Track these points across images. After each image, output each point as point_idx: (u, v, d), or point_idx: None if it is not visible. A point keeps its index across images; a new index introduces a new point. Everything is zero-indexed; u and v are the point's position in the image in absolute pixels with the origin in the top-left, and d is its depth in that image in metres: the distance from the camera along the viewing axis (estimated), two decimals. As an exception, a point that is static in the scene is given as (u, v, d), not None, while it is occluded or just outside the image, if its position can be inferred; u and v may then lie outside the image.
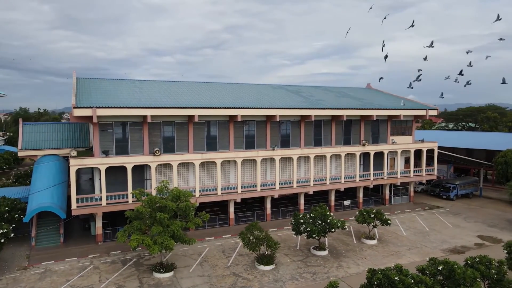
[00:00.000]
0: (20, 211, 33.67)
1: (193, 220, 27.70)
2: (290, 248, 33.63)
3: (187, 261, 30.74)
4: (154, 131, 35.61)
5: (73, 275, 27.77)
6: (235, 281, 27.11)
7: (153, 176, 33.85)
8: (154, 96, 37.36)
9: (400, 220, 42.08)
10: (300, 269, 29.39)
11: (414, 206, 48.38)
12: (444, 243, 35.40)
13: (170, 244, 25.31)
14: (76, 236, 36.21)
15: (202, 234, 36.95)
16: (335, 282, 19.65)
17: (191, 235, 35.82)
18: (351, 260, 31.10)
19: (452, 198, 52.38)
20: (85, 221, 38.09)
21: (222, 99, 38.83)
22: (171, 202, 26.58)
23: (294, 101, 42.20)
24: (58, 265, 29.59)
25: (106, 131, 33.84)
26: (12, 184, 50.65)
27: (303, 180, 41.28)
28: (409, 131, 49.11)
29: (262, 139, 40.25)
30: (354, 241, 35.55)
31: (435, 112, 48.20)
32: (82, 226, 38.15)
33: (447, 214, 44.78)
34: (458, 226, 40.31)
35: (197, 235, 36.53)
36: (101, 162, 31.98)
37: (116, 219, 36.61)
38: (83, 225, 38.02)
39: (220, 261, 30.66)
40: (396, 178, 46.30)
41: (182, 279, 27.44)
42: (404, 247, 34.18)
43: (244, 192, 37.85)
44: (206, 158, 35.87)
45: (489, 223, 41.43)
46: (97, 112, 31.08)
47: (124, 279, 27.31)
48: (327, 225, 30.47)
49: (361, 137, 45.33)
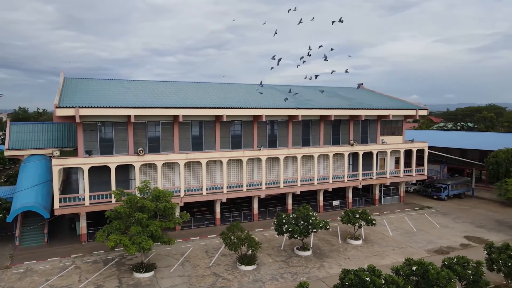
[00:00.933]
0: (5, 210, 33.78)
1: (173, 220, 27.66)
2: (274, 248, 33.55)
3: (169, 261, 30.71)
4: (139, 131, 35.61)
5: (53, 275, 27.79)
6: (214, 281, 27.07)
7: (137, 176, 33.87)
8: (140, 96, 37.36)
9: (388, 221, 41.94)
10: (281, 269, 29.31)
11: (404, 206, 48.20)
12: (430, 243, 35.23)
13: (147, 244, 25.28)
14: (61, 236, 36.25)
15: (188, 234, 36.95)
16: (305, 283, 19.55)
17: (177, 235, 36.09)
18: (334, 261, 30.99)
19: (444, 198, 52.15)
20: (71, 221, 38.15)
21: (208, 99, 38.79)
22: (150, 202, 26.57)
23: (282, 101, 42.07)
24: (39, 265, 29.64)
25: (90, 131, 33.86)
26: (2, 183, 50.83)
27: (291, 180, 41.19)
28: (399, 131, 48.92)
29: (249, 139, 40.19)
30: (339, 242, 35.43)
31: (425, 112, 48.01)
32: (68, 226, 38.21)
33: (436, 215, 44.58)
34: (446, 227, 40.11)
35: (183, 235, 36.61)
36: (84, 162, 32.01)
37: (101, 219, 36.57)
38: (70, 225, 38.08)
39: (202, 261, 30.62)
40: (386, 178, 46.12)
41: (162, 279, 27.41)
42: (389, 248, 34.03)
43: (230, 192, 37.80)
44: (191, 158, 35.85)
45: (477, 224, 41.21)
46: (80, 112, 31.09)
47: (104, 279, 27.32)
48: (310, 226, 30.35)
49: (350, 137, 45.20)
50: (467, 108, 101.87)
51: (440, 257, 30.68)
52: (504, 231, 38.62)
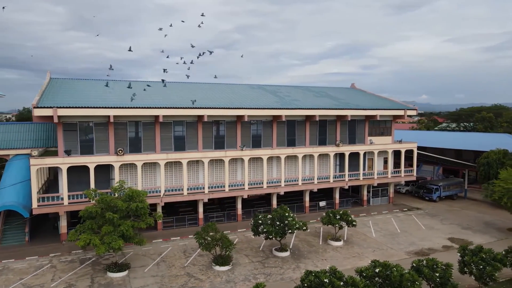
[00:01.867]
0: (-13, 209, 34.11)
1: (146, 220, 27.69)
2: (253, 249, 33.42)
3: (145, 260, 30.76)
4: (120, 131, 35.74)
5: (28, 274, 28.00)
6: (186, 282, 27.04)
7: (116, 176, 33.99)
8: (123, 96, 37.44)
9: (374, 222, 41.57)
10: (256, 270, 29.18)
11: (392, 207, 47.73)
12: (412, 245, 34.82)
13: (116, 244, 25.32)
14: (43, 235, 36.49)
15: (169, 234, 37.00)
16: (261, 284, 19.41)
17: (158, 235, 36.24)
18: (311, 262, 30.77)
19: (435, 199, 51.55)
20: (55, 220, 38.43)
21: (191, 99, 38.76)
22: (121, 202, 26.64)
23: (268, 101, 41.98)
24: (17, 264, 29.87)
25: (70, 131, 34.07)
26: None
27: (275, 180, 41.02)
28: (388, 132, 48.50)
29: (232, 139, 40.14)
30: (320, 243, 35.19)
31: (413, 112, 47.53)
32: (52, 225, 38.50)
33: (424, 216, 44.07)
34: (432, 228, 39.63)
35: (164, 235, 36.68)
36: (63, 162, 32.23)
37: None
38: (53, 224, 38.37)
39: (178, 261, 30.62)
40: (373, 179, 45.72)
41: (135, 279, 27.45)
42: (369, 249, 33.71)
43: (211, 192, 37.78)
44: (172, 158, 35.90)
45: (464, 226, 40.65)
46: (58, 112, 31.29)
47: (77, 278, 27.43)
48: (286, 227, 30.17)
49: (337, 137, 44.90)
50: (469, 108, 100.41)
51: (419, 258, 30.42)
52: (490, 233, 38.04)
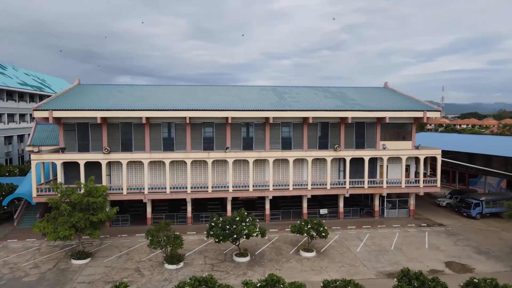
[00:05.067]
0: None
1: (100, 215, 29.75)
2: (216, 251, 33.23)
3: (113, 252, 33.04)
4: (113, 131, 38.90)
5: (15, 253, 32.51)
6: (129, 275, 28.34)
7: (103, 172, 37.12)
8: (125, 99, 40.71)
9: (372, 235, 37.51)
10: (201, 272, 29.00)
11: (409, 221, 42.23)
12: (394, 265, 30.58)
13: (63, 233, 27.85)
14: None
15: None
16: (122, 283, 19.52)
17: (144, 230, 38.31)
18: (262, 270, 29.38)
19: (474, 216, 43.99)
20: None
21: (184, 101, 40.17)
22: (76, 196, 29.22)
23: (264, 103, 41.07)
24: (15, 244, 34.88)
25: (70, 131, 38.37)
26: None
27: (262, 184, 39.93)
28: (408, 136, 43.07)
29: (222, 141, 40.33)
30: (290, 252, 33.25)
31: (437, 114, 41.33)
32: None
33: (439, 234, 38.10)
34: (436, 249, 34.16)
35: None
36: (57, 158, 36.52)
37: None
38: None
39: (140, 256, 32.16)
40: (381, 188, 41.12)
41: (90, 267, 29.74)
42: (338, 264, 30.69)
43: (194, 192, 38.60)
44: (155, 157, 37.72)
45: (482, 249, 34.08)
46: (53, 114, 35.63)
47: (46, 261, 30.88)
48: (234, 232, 29.40)
49: (340, 141, 41.65)
50: None
51: (388, 281, 26.90)
52: (504, 261, 31.30)
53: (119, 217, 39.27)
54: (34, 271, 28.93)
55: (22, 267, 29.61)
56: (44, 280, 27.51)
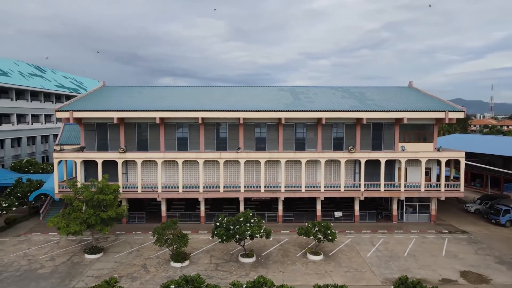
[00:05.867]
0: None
1: (110, 212, 30.87)
2: (223, 251, 33.45)
3: (124, 247, 34.19)
4: (130, 131, 40.25)
5: (36, 246, 34.52)
6: (135, 271, 29.20)
7: (119, 171, 38.49)
8: (143, 100, 42.01)
9: (386, 240, 36.17)
10: (206, 271, 29.36)
11: (429, 227, 40.27)
12: (403, 272, 29.12)
13: (73, 228, 29.18)
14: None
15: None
16: (112, 279, 20.08)
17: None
18: (265, 272, 29.19)
19: (504, 223, 41.25)
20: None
21: (199, 102, 40.80)
22: (87, 193, 30.53)
23: (279, 104, 40.83)
24: (38, 237, 37.02)
25: (90, 131, 40.15)
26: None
27: (275, 185, 39.65)
28: (430, 137, 41.09)
29: (235, 141, 40.53)
30: (298, 254, 32.79)
31: (460, 114, 39.10)
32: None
33: (460, 242, 36.04)
34: (454, 257, 32.34)
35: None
36: (76, 156, 38.32)
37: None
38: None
39: (148, 253, 33.03)
40: (399, 192, 39.50)
41: (101, 262, 30.97)
42: (344, 269, 29.87)
43: (206, 192, 39.08)
44: (168, 157, 38.58)
45: (505, 259, 31.84)
46: (73, 115, 37.48)
47: (62, 254, 32.52)
48: (236, 233, 29.46)
49: (356, 142, 40.52)
50: None
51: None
52: (529, 273, 29.04)
53: (135, 215, 40.59)
54: (49, 264, 30.55)
55: (39, 259, 31.36)
56: (56, 272, 28.95)
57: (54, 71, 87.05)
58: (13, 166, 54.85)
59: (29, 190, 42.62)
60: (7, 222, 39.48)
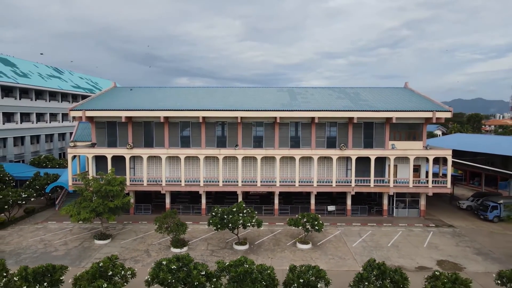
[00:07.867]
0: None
1: (116, 201, 34.10)
2: (220, 240, 36.33)
3: (130, 235, 37.46)
4: (137, 129, 43.55)
5: (51, 232, 38.11)
6: (138, 255, 32.35)
7: (127, 165, 41.82)
8: (150, 100, 45.26)
9: (373, 233, 38.44)
10: (201, 256, 32.29)
11: (418, 221, 42.30)
12: (383, 260, 31.42)
13: (83, 216, 32.51)
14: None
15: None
16: (113, 256, 23.12)
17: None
18: (255, 257, 31.90)
19: (492, 219, 42.96)
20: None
21: (200, 102, 43.79)
22: (96, 184, 33.84)
23: (276, 104, 43.45)
24: (54, 225, 40.66)
25: (101, 128, 43.61)
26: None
27: (270, 180, 42.32)
28: (419, 136, 43.08)
29: (234, 139, 43.37)
30: (288, 243, 35.43)
31: (447, 114, 40.98)
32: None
33: (444, 235, 38.02)
34: (434, 248, 34.45)
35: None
36: (88, 151, 41.82)
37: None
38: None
39: (151, 240, 36.19)
40: (388, 188, 41.66)
41: (108, 247, 34.26)
42: (328, 257, 32.36)
43: (206, 185, 42.03)
44: (171, 153, 41.68)
45: (483, 251, 33.78)
46: (85, 114, 40.97)
47: (74, 240, 35.99)
48: (230, 221, 32.27)
49: (349, 140, 42.85)
50: None
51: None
52: (503, 263, 30.95)
53: (142, 206, 43.90)
54: (62, 248, 34.02)
55: (54, 244, 34.86)
56: (68, 255, 32.35)
57: (71, 72, 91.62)
58: (32, 161, 59.12)
59: (46, 183, 46.39)
60: (26, 211, 43.30)
